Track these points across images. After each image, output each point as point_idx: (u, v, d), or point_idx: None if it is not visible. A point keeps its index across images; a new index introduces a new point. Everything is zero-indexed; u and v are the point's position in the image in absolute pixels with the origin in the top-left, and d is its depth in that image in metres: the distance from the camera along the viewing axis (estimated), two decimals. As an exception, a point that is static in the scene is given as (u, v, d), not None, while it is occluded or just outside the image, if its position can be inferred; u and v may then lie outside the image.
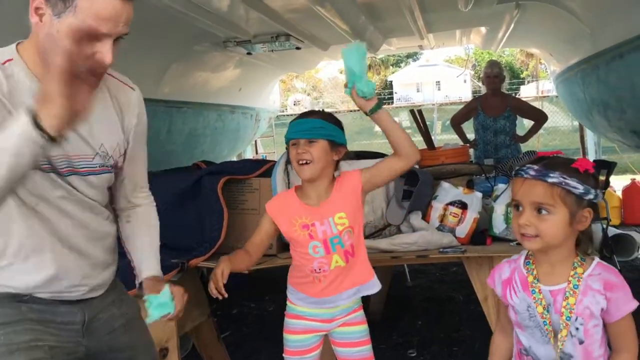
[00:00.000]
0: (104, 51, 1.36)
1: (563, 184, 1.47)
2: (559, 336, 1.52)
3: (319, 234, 2.00)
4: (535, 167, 1.51)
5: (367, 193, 2.10)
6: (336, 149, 2.03)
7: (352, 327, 2.12)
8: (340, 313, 2.10)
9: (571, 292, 1.51)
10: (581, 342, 1.50)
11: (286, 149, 2.10)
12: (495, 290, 1.68)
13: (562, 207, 1.48)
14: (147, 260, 1.73)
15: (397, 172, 2.05)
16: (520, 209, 1.53)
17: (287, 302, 2.16)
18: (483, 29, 6.47)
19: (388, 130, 1.95)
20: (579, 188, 1.47)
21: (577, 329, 1.50)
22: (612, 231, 5.21)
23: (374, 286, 2.10)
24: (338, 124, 2.07)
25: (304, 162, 1.98)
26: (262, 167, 3.09)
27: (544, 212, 1.50)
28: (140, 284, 1.70)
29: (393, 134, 1.95)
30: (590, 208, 1.50)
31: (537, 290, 1.56)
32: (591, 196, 1.49)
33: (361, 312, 2.15)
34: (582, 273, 1.51)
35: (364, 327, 2.14)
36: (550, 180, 1.48)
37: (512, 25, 5.51)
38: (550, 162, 1.53)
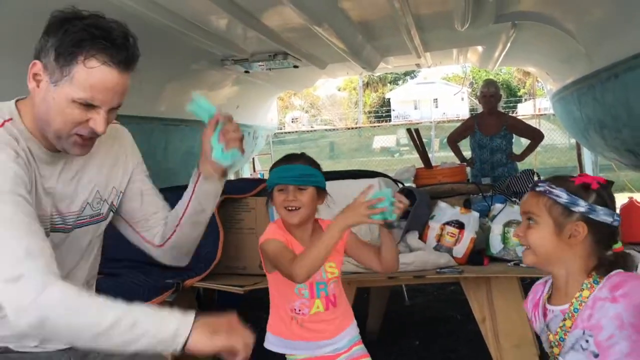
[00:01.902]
0: (97, 119, 1.37)
1: (547, 192, 1.47)
2: (553, 352, 1.51)
3: None
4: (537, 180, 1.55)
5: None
6: (321, 194, 2.02)
7: None
8: (336, 350, 2.05)
9: (569, 315, 1.47)
10: (596, 356, 1.42)
11: (268, 192, 2.05)
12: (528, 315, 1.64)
13: (547, 217, 1.47)
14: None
15: (370, 268, 2.07)
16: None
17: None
18: (480, 48, 6.50)
19: (388, 246, 1.95)
20: (563, 197, 1.45)
21: (586, 341, 1.43)
22: (609, 250, 5.19)
23: (352, 330, 2.09)
24: (320, 168, 2.06)
25: (293, 208, 1.95)
26: (258, 187, 3.08)
27: (531, 222, 1.50)
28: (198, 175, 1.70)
29: (389, 251, 1.96)
30: (584, 223, 1.45)
31: (542, 310, 1.55)
32: (581, 209, 1.44)
33: (362, 346, 2.11)
34: (589, 295, 1.44)
35: None
36: (537, 189, 1.50)
37: (509, 45, 5.54)
38: (551, 177, 1.54)
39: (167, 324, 1.28)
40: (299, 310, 2.00)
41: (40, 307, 1.19)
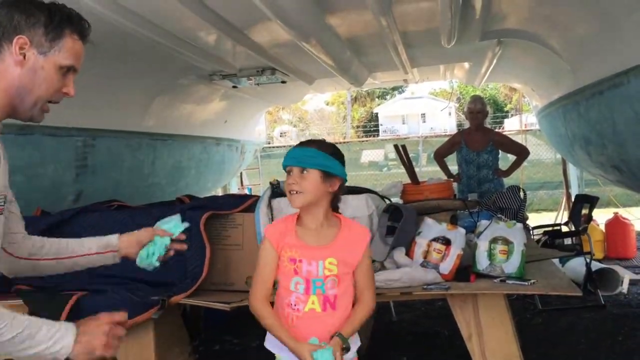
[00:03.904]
0: (70, 86, 1.60)
1: None
2: None
3: (303, 272, 1.95)
4: None
5: None
6: (330, 180, 1.96)
7: None
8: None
9: None
10: None
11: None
12: None
13: None
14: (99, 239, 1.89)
15: None
16: None
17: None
18: (466, 65, 6.56)
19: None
20: None
21: None
22: (595, 265, 5.22)
23: (354, 343, 2.01)
24: (335, 154, 2.00)
25: (294, 192, 1.93)
26: (245, 203, 3.08)
27: None
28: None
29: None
30: None
31: None
32: None
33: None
34: None
35: None
36: None
37: (495, 61, 5.60)
38: None
39: (54, 344, 1.42)
40: (295, 305, 1.95)
41: None
